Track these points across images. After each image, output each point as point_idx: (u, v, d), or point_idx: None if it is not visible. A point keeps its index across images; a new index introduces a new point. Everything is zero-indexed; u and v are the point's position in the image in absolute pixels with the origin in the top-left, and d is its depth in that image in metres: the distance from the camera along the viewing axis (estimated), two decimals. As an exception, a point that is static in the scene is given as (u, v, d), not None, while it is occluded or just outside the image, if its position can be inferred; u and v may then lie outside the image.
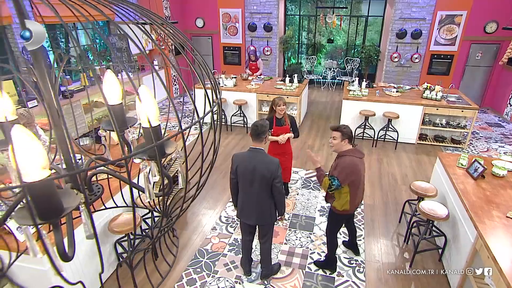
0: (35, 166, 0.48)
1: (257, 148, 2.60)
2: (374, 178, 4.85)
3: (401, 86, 6.68)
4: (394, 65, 8.24)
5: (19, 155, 0.48)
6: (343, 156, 2.65)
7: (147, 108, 0.60)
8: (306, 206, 4.17)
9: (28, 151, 0.49)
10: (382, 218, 3.95)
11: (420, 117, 5.77)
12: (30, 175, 0.48)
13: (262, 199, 2.62)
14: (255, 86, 6.61)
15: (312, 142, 6.17)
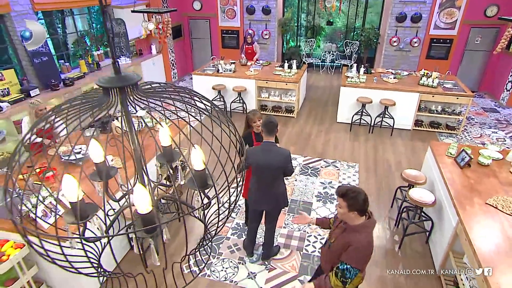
0: (145, 204, 0.85)
1: (269, 142, 2.80)
2: (369, 164, 5.10)
3: (399, 72, 6.79)
4: (393, 49, 8.30)
5: (137, 200, 0.85)
6: (355, 232, 1.97)
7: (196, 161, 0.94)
8: (304, 192, 4.43)
9: (143, 198, 0.85)
10: (375, 203, 4.23)
11: (416, 104, 5.94)
12: (142, 210, 0.86)
13: (277, 186, 2.87)
14: (254, 73, 6.71)
15: (310, 129, 6.36)
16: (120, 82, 0.90)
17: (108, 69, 7.13)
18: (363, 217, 2.02)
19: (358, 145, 5.70)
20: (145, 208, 0.86)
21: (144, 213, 0.86)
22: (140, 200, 0.86)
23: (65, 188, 0.87)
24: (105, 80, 0.89)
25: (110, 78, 0.91)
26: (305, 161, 5.20)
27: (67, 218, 0.91)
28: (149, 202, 0.87)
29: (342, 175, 4.81)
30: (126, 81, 0.90)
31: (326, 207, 4.15)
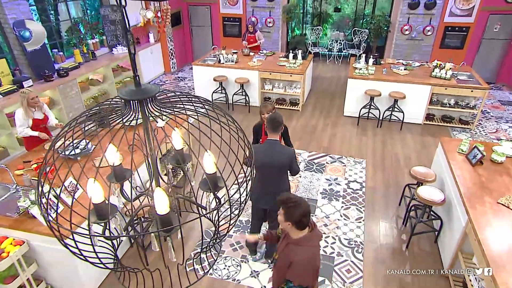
0: (164, 206, 1.00)
1: (274, 139, 2.87)
2: (377, 160, 5.15)
3: (410, 63, 6.79)
4: (405, 38, 8.26)
5: (157, 202, 0.99)
6: (296, 246, 1.92)
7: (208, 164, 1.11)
8: (309, 189, 4.50)
9: (163, 200, 0.99)
10: (382, 200, 4.30)
11: (427, 97, 5.96)
12: (161, 211, 1.00)
13: (281, 184, 2.95)
14: (257, 63, 6.73)
15: (316, 122, 6.40)
16: (140, 95, 1.01)
17: (104, 59, 7.18)
18: (305, 230, 1.93)
19: (365, 140, 5.74)
20: (164, 210, 0.98)
21: (162, 214, 0.98)
22: (160, 203, 0.98)
23: (90, 191, 1.01)
24: (126, 93, 1.02)
25: (131, 90, 1.03)
26: (310, 156, 5.26)
27: (91, 218, 1.06)
28: (167, 204, 1.00)
29: (348, 171, 4.87)
30: (146, 93, 1.01)
31: (331, 204, 4.22)
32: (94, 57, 7.08)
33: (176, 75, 9.02)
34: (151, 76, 8.54)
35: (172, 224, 1.02)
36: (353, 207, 4.18)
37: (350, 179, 4.71)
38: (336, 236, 3.74)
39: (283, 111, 6.73)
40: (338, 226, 3.88)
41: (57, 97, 5.84)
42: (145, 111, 1.02)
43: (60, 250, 2.66)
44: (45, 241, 2.65)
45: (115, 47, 7.57)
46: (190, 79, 8.54)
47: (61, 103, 5.86)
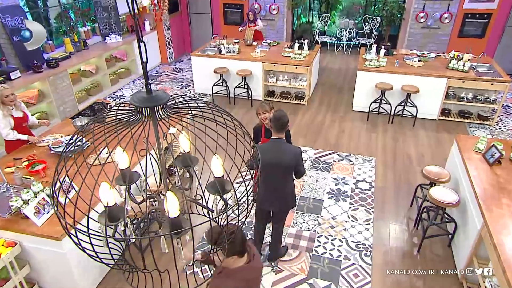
0: (175, 209, 1.11)
1: (279, 139, 2.91)
2: (388, 158, 5.18)
3: (425, 54, 6.77)
4: (420, 26, 8.23)
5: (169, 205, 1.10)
6: (227, 278, 1.94)
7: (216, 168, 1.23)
8: (314, 188, 4.55)
9: (174, 204, 1.11)
10: (393, 201, 4.34)
11: (443, 90, 5.96)
12: (172, 214, 1.12)
13: (286, 186, 3.00)
14: (260, 54, 6.75)
15: (322, 117, 6.42)
16: (151, 102, 1.14)
17: (97, 48, 7.22)
18: (244, 258, 1.92)
19: (375, 137, 5.76)
20: (175, 213, 1.10)
21: (173, 216, 1.10)
22: (171, 206, 1.09)
23: (102, 194, 1.12)
24: (138, 100, 1.15)
25: (143, 97, 1.16)
26: (316, 154, 5.29)
27: (100, 220, 1.17)
28: (178, 208, 1.11)
29: (357, 170, 4.90)
30: (157, 101, 1.15)
31: (338, 205, 4.27)
32: (86, 46, 7.12)
33: (174, 66, 9.05)
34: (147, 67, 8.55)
35: (182, 226, 1.13)
36: (362, 208, 4.22)
37: (358, 178, 4.74)
38: (343, 238, 3.79)
39: (287, 105, 6.76)
40: (345, 228, 3.92)
41: (47, 90, 5.89)
42: (156, 118, 1.14)
43: (54, 252, 2.73)
44: (39, 242, 2.72)
45: (108, 35, 7.60)
46: (189, 70, 8.57)
47: (51, 95, 5.92)
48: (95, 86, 7.10)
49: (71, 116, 4.59)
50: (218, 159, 1.20)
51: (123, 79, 7.84)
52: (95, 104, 4.87)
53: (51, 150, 3.54)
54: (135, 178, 1.35)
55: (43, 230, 2.68)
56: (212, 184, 1.25)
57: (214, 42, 7.57)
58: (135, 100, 1.14)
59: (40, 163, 3.35)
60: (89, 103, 6.00)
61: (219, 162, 1.21)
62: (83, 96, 6.75)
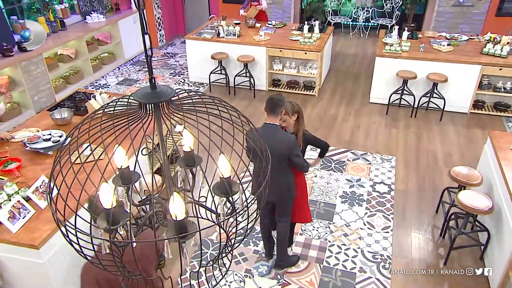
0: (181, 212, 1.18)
1: (272, 123, 2.97)
2: (410, 157, 5.18)
3: (455, 37, 6.75)
4: (450, 4, 8.18)
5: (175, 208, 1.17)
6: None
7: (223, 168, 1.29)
8: (326, 191, 4.56)
9: (180, 206, 1.17)
10: (415, 206, 4.34)
11: (476, 79, 5.93)
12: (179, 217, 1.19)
13: (281, 178, 3.06)
14: (264, 37, 6.74)
15: (335, 110, 6.42)
16: (155, 98, 1.21)
17: (76, 29, 7.23)
18: None
19: (396, 133, 5.76)
20: (180, 215, 1.17)
21: (178, 219, 1.17)
22: (177, 208, 1.16)
23: (102, 195, 1.17)
24: (141, 95, 1.22)
25: (146, 93, 1.23)
26: (328, 152, 5.28)
27: (100, 223, 1.23)
28: (183, 210, 1.18)
29: (374, 171, 4.91)
30: (161, 97, 1.22)
31: (353, 210, 4.28)
32: (63, 27, 7.13)
33: (165, 51, 9.06)
34: (134, 52, 8.59)
35: (187, 230, 1.22)
36: (380, 214, 4.23)
37: (376, 180, 4.75)
38: (359, 248, 3.80)
39: (295, 96, 6.76)
40: (360, 237, 3.93)
41: (19, 76, 5.91)
42: (160, 115, 1.22)
43: (31, 262, 2.74)
44: (13, 251, 2.72)
45: (89, 14, 7.61)
46: (182, 55, 8.57)
47: (23, 83, 5.94)
48: (75, 73, 7.13)
49: (49, 107, 4.60)
50: (225, 158, 1.26)
51: (106, 65, 7.86)
52: (76, 94, 4.88)
53: (26, 146, 3.56)
54: (135, 178, 1.42)
55: (18, 237, 2.69)
56: (218, 185, 1.31)
57: (212, 23, 7.57)
58: (138, 96, 1.22)
59: (13, 161, 3.37)
60: (68, 92, 6.04)
61: (227, 161, 1.27)
62: (60, 85, 6.78)
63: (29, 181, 3.13)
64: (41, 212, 2.88)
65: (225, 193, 1.30)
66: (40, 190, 2.97)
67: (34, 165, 3.42)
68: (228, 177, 1.29)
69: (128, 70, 8.01)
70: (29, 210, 2.83)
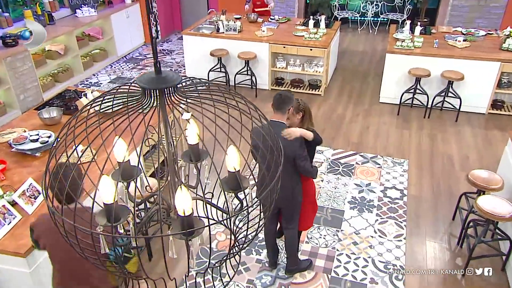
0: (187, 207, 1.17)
1: (277, 121, 2.95)
2: (424, 161, 5.16)
3: (471, 32, 6.76)
4: (467, -3, 8.18)
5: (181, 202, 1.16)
6: None
7: (231, 161, 1.28)
8: (333, 197, 4.54)
9: (186, 200, 1.16)
10: (430, 213, 4.31)
11: (495, 77, 5.92)
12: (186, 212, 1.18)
13: (290, 178, 3.03)
14: (266, 33, 6.75)
15: (343, 110, 6.41)
16: (160, 84, 1.20)
17: (65, 24, 7.24)
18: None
19: (408, 135, 5.75)
20: (187, 211, 1.16)
21: (185, 215, 1.16)
22: (184, 202, 1.14)
23: (102, 189, 1.17)
24: (145, 80, 1.21)
25: (151, 78, 1.22)
26: (335, 155, 5.28)
27: (100, 220, 1.21)
28: (190, 205, 1.16)
29: (385, 175, 4.89)
30: (167, 82, 1.21)
31: (362, 217, 4.25)
32: (51, 21, 7.14)
33: (161, 47, 9.07)
34: (128, 48, 8.61)
35: (194, 226, 1.21)
36: (391, 221, 4.21)
37: (387, 185, 4.73)
38: (369, 257, 3.77)
39: (300, 95, 6.74)
40: (371, 245, 3.90)
41: (4, 74, 5.91)
42: (165, 102, 1.21)
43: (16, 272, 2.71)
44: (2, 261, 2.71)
45: (80, 8, 7.63)
46: (179, 52, 8.58)
47: (8, 81, 5.94)
48: (64, 71, 7.13)
49: (35, 106, 4.60)
50: (235, 150, 1.27)
51: (98, 63, 7.87)
52: (65, 92, 4.88)
53: (12, 147, 3.55)
54: (135, 173, 1.41)
55: (3, 245, 2.66)
56: (226, 180, 1.31)
57: (211, 18, 7.58)
58: (142, 81, 1.21)
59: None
60: (56, 91, 6.02)
61: (237, 153, 1.27)
62: (49, 83, 6.78)
63: (15, 185, 3.11)
64: (28, 217, 2.85)
65: (234, 189, 1.29)
66: (27, 194, 2.95)
67: (20, 168, 3.40)
68: (238, 171, 1.28)
69: (121, 68, 8.01)
70: (15, 215, 2.81)
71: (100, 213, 1.23)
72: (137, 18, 8.77)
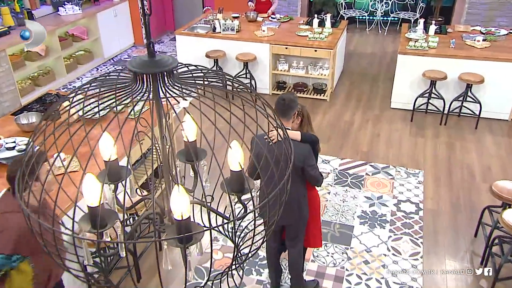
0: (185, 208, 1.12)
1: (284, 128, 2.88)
2: (441, 172, 5.13)
3: (491, 31, 6.79)
4: (486, -6, 8.24)
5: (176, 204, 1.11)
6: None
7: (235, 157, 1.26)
8: (341, 211, 4.50)
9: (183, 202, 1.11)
10: (449, 229, 4.27)
11: (517, 80, 5.93)
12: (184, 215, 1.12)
13: (296, 190, 2.98)
14: (267, 33, 6.76)
15: (350, 117, 6.40)
16: (154, 68, 1.14)
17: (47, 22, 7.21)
18: None
19: (423, 143, 5.73)
20: (185, 214, 1.10)
21: (181, 219, 1.11)
22: (180, 205, 1.09)
23: (85, 189, 1.12)
24: (137, 64, 1.15)
25: (143, 61, 1.16)
26: (343, 165, 5.25)
27: (83, 226, 1.16)
28: (188, 208, 1.11)
29: (398, 187, 4.85)
30: (161, 66, 1.15)
31: (374, 233, 4.21)
32: (31, 19, 7.10)
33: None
34: (115, 50, 8.62)
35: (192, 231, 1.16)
36: (406, 237, 4.16)
37: (401, 198, 4.69)
38: (382, 278, 3.71)
39: (304, 101, 6.73)
40: (384, 264, 3.86)
41: (-22, 76, 5.89)
42: (159, 89, 1.16)
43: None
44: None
45: (63, 5, 7.64)
46: (172, 54, 8.58)
47: (-16, 84, 5.91)
48: (45, 74, 7.11)
49: (12, 112, 4.56)
50: (238, 147, 1.24)
51: (83, 65, 7.88)
52: (46, 96, 4.84)
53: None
54: (124, 174, 1.38)
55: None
56: (228, 181, 1.28)
57: (206, 16, 7.61)
58: (133, 65, 1.15)
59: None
60: (36, 95, 5.98)
61: (240, 150, 1.24)
62: (28, 87, 6.75)
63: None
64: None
65: (237, 191, 1.26)
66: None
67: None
68: (240, 171, 1.25)
69: (107, 71, 7.99)
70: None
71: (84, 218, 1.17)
72: (126, 17, 8.81)
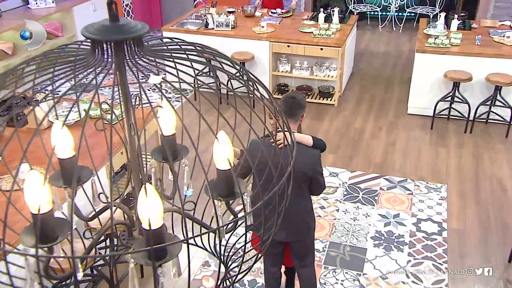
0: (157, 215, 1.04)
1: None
2: (466, 185, 5.10)
3: (522, 25, 6.82)
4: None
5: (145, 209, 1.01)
6: None
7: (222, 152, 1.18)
8: (352, 231, 4.44)
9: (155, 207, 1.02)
10: (478, 253, 4.20)
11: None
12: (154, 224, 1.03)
13: (295, 204, 2.95)
14: (267, 29, 6.78)
15: (361, 124, 6.39)
16: (118, 34, 1.02)
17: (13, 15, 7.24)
18: None
19: (445, 153, 5.72)
20: (155, 222, 1.00)
21: (152, 228, 1.00)
22: (151, 210, 0.99)
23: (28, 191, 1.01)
24: (95, 30, 1.02)
25: (103, 26, 1.03)
26: (354, 178, 5.23)
27: (25, 239, 1.03)
28: (160, 214, 1.01)
29: (417, 204, 4.82)
30: (126, 32, 1.04)
31: (390, 256, 4.15)
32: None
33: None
34: (93, 48, 8.57)
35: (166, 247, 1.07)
36: (428, 262, 4.10)
37: (420, 216, 4.65)
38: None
39: (308, 106, 6.64)
40: (403, 294, 3.80)
41: None
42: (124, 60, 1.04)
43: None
44: None
45: (36, 0, 7.64)
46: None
47: None
48: (12, 74, 7.05)
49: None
50: (227, 139, 1.16)
51: (56, 65, 7.81)
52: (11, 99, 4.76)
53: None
54: (85, 175, 1.30)
55: None
56: (214, 183, 1.20)
57: (198, 11, 7.64)
58: (90, 31, 1.03)
59: None
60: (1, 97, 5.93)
61: (229, 142, 1.16)
62: (-7, 89, 6.70)
63: None
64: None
65: (225, 196, 1.18)
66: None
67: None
68: (229, 170, 1.17)
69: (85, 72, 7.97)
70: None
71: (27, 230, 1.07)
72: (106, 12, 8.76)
